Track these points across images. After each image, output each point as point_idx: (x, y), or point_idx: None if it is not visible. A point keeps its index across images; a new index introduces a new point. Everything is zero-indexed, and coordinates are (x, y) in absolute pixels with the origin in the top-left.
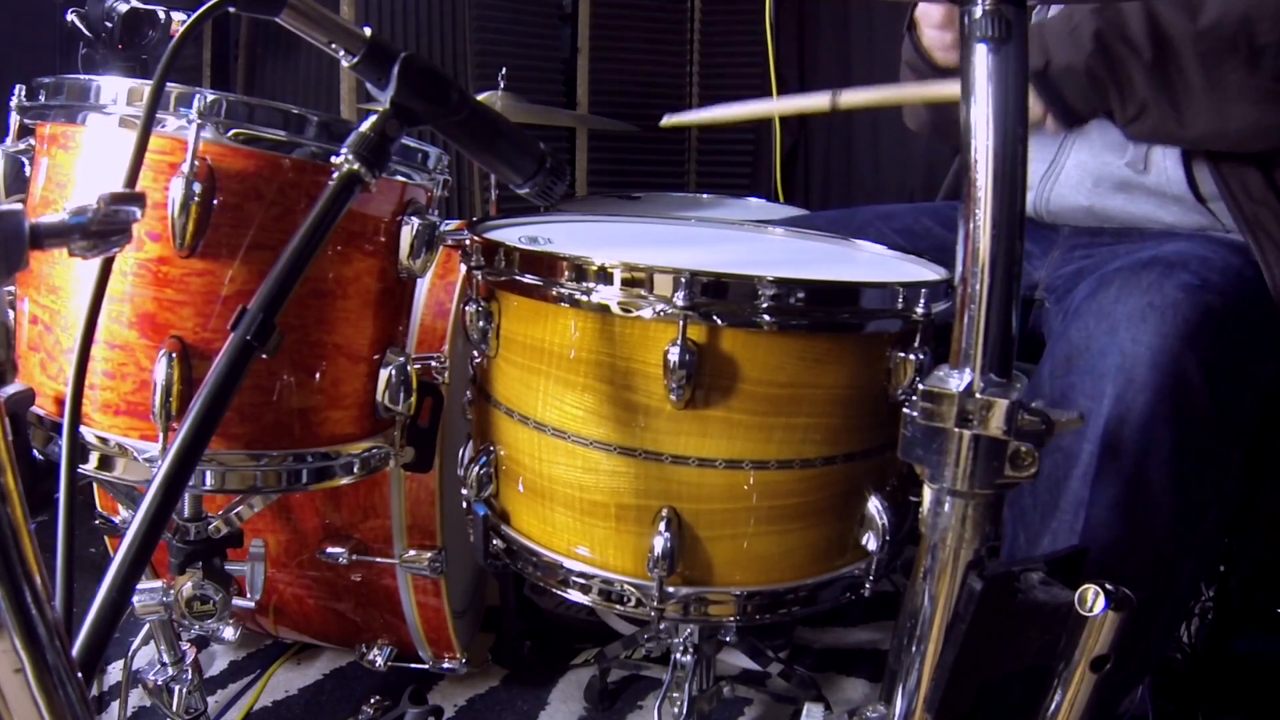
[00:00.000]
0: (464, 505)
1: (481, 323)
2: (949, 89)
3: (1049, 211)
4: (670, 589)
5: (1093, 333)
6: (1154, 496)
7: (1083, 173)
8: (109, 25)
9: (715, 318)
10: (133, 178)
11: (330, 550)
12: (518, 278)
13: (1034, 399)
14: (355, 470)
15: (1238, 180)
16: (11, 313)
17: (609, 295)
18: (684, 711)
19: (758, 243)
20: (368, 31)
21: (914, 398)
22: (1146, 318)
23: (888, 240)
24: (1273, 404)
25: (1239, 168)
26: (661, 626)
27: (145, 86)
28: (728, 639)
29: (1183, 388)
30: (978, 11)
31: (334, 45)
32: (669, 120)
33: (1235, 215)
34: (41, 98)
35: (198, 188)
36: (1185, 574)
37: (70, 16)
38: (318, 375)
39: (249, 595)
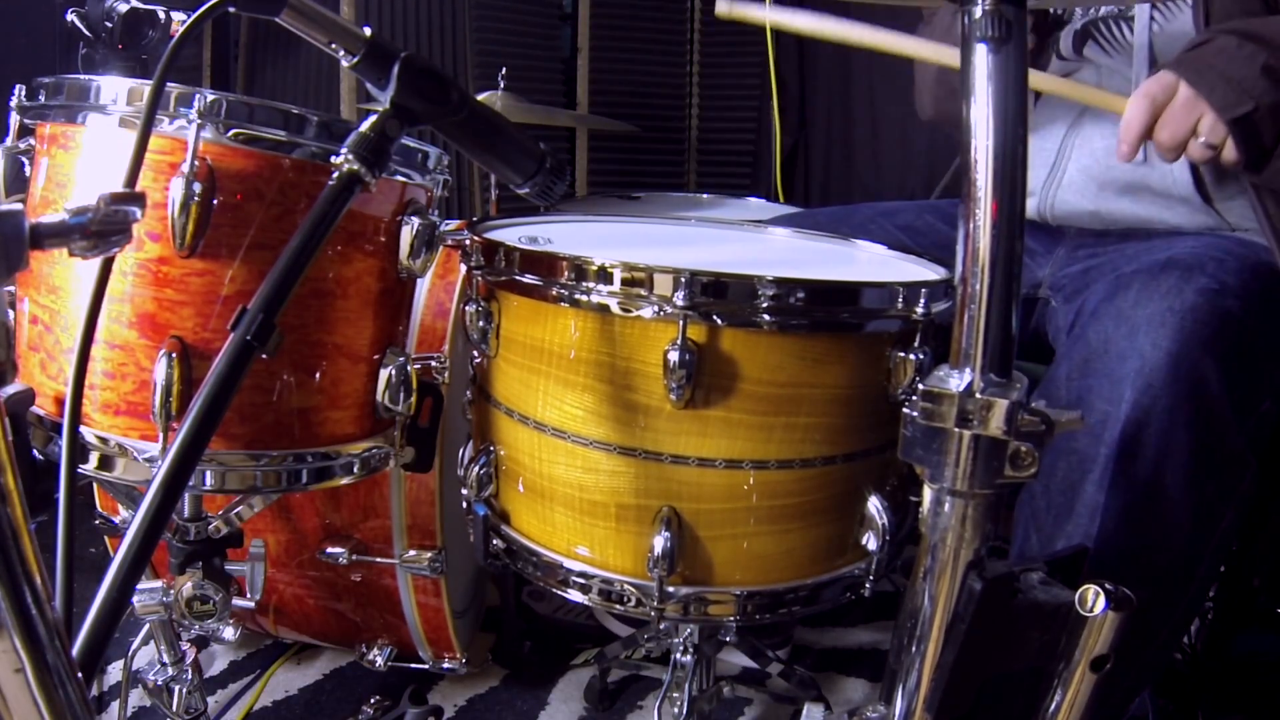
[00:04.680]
0: (464, 505)
1: (481, 323)
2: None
3: (1054, 215)
4: (670, 589)
5: (1111, 336)
6: (1170, 501)
7: (1086, 177)
8: (109, 25)
9: (715, 318)
10: (133, 178)
11: (330, 550)
12: (518, 278)
13: (1050, 401)
14: (355, 470)
15: (1270, 191)
16: (11, 313)
17: (609, 295)
18: (684, 711)
19: (758, 243)
20: (368, 31)
21: (914, 398)
22: (1166, 322)
23: (890, 237)
24: None
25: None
26: (661, 626)
27: (145, 86)
28: (728, 639)
29: (1201, 392)
30: (978, 11)
31: (334, 45)
32: (723, 10)
33: (1264, 224)
34: (41, 98)
35: (198, 188)
36: (1198, 578)
37: (70, 16)
38: (318, 375)
39: (249, 595)
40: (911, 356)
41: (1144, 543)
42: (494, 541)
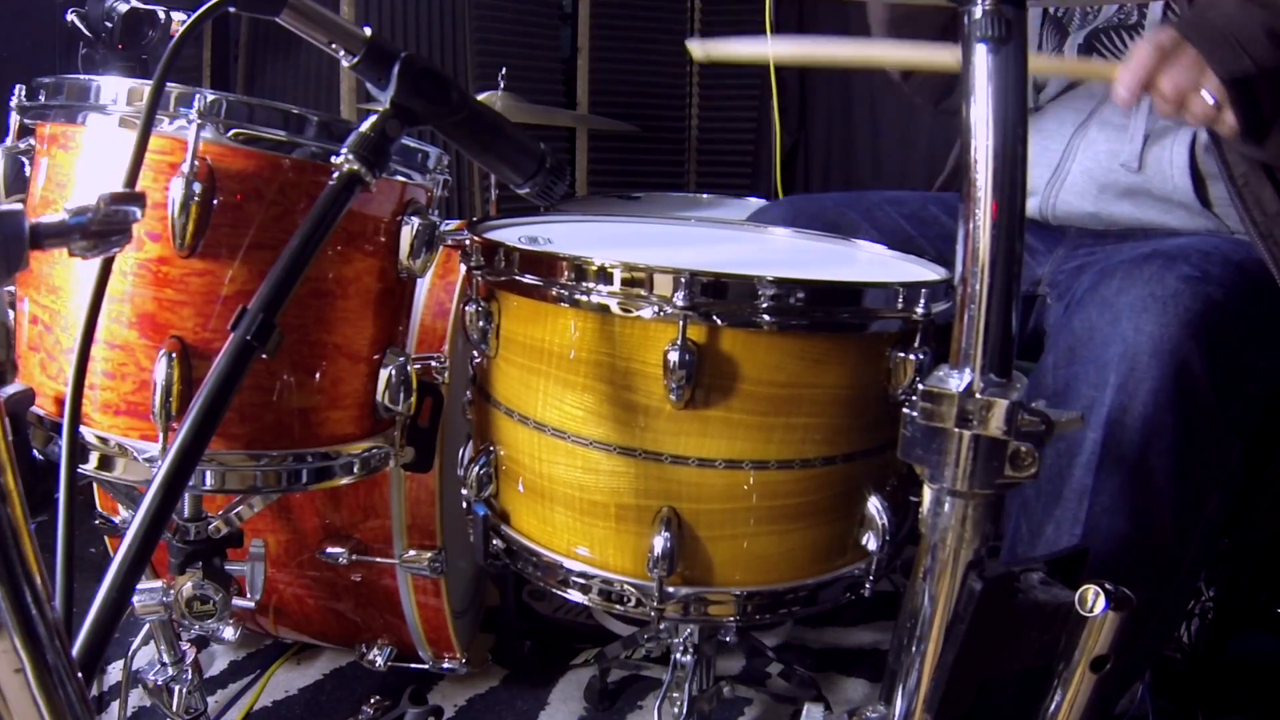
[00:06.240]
0: (464, 505)
1: (481, 323)
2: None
3: (1054, 215)
4: (670, 589)
5: (1095, 323)
6: (1157, 484)
7: (1088, 179)
8: (109, 25)
9: (715, 318)
10: (133, 178)
11: (330, 550)
12: (518, 278)
13: (1037, 390)
14: (355, 470)
15: (1253, 196)
16: (11, 313)
17: (609, 295)
18: (684, 711)
19: (758, 243)
20: (368, 31)
21: (914, 398)
22: (1149, 308)
23: (895, 224)
24: (1274, 398)
25: (1255, 185)
26: (661, 626)
27: (145, 86)
28: (728, 639)
29: (1185, 376)
30: (978, 11)
31: (334, 45)
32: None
33: (1249, 227)
34: (41, 98)
35: (198, 188)
36: (1186, 563)
37: (70, 16)
38: (318, 375)
39: (249, 595)
40: (911, 356)
41: (1133, 526)
42: (494, 541)
